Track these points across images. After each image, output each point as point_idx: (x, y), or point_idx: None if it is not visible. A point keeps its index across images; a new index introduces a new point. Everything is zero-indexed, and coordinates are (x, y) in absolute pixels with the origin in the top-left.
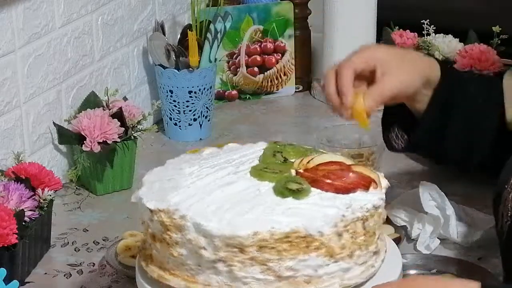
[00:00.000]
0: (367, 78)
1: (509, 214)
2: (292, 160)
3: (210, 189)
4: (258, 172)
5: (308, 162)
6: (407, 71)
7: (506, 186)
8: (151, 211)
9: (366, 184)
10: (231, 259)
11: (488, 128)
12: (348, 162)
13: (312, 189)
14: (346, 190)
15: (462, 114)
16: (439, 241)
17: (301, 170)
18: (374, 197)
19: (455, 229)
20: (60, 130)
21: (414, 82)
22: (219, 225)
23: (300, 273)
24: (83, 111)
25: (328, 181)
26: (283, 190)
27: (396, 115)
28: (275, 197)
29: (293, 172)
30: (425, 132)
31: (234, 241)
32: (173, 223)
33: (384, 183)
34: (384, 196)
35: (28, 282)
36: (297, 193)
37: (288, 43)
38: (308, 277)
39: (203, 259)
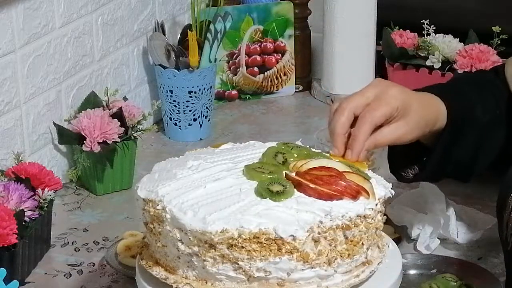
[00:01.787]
0: None
1: None
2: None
3: (197, 184)
4: (250, 171)
5: (301, 166)
6: (409, 126)
7: (511, 194)
8: (143, 200)
9: (353, 193)
10: (204, 254)
11: (495, 140)
12: (345, 169)
13: (296, 193)
14: (328, 196)
15: (469, 140)
16: (439, 241)
17: (292, 173)
18: (359, 206)
19: (455, 229)
20: (60, 130)
21: (412, 135)
22: (192, 220)
23: (272, 275)
24: (83, 111)
25: (312, 186)
26: (263, 191)
27: (401, 151)
28: (255, 197)
29: (284, 174)
30: (434, 165)
31: (204, 237)
32: (156, 214)
33: (382, 193)
34: (377, 206)
35: (28, 282)
36: (276, 195)
37: (288, 43)
38: (281, 280)
39: (180, 252)
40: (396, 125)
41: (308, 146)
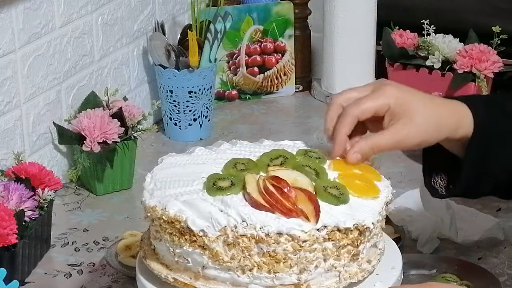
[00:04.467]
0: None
1: None
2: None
3: (183, 163)
4: (229, 163)
5: (270, 171)
6: (412, 128)
7: None
8: None
9: (284, 210)
10: (150, 225)
11: None
12: (307, 186)
13: (240, 194)
14: (257, 205)
15: (505, 151)
16: (439, 241)
17: (262, 174)
18: (285, 224)
19: (455, 229)
20: (60, 130)
21: (417, 139)
22: (148, 191)
23: (190, 264)
24: (83, 111)
25: (248, 191)
26: (207, 182)
27: (436, 159)
28: (201, 187)
29: (259, 174)
30: (467, 177)
31: (145, 209)
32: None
33: (331, 221)
34: (318, 232)
35: (28, 282)
36: (213, 189)
37: (288, 43)
38: (198, 273)
39: None
40: (395, 126)
41: (326, 159)
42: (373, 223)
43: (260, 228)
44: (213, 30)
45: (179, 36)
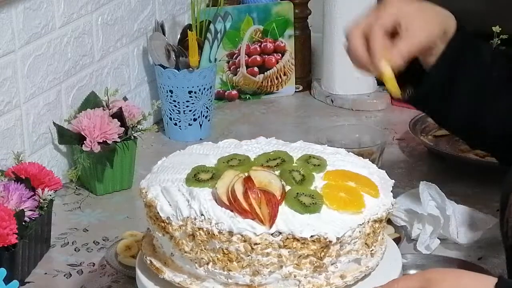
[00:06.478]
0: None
1: None
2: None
3: (194, 153)
4: (224, 158)
5: (250, 170)
6: (429, 22)
7: None
8: None
9: (240, 210)
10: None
11: (501, 106)
12: (275, 191)
13: (213, 189)
14: (219, 202)
15: (472, 81)
16: (439, 241)
17: (244, 174)
18: (237, 224)
19: (455, 229)
20: (60, 130)
21: (434, 33)
22: (148, 175)
23: (163, 249)
24: (83, 111)
25: (216, 186)
26: (190, 173)
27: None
28: (185, 176)
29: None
30: (431, 87)
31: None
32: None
33: (286, 228)
34: (271, 237)
35: (28, 282)
36: (190, 181)
37: (288, 43)
38: (168, 259)
39: None
40: (416, 26)
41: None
42: (337, 238)
43: (215, 224)
44: (213, 30)
45: (179, 36)
